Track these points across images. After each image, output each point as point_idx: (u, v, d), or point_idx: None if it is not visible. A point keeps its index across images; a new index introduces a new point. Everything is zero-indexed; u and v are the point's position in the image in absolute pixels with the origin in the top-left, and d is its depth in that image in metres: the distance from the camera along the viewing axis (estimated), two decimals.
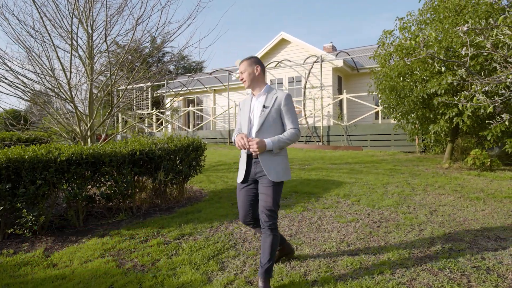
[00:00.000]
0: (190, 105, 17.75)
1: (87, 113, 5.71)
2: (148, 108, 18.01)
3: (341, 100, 12.89)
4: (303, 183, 5.74)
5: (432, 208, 4.16)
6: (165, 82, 16.71)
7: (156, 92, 18.56)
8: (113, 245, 3.16)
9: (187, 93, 18.24)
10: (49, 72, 5.39)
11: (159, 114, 16.35)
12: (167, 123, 16.67)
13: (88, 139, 5.63)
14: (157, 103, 20.00)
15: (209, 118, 15.58)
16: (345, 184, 5.57)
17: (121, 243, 3.20)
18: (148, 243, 3.20)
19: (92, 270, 2.65)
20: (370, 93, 8.76)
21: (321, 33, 73.09)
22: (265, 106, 2.38)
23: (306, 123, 12.50)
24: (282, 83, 14.43)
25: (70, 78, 5.21)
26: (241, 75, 2.48)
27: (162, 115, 16.28)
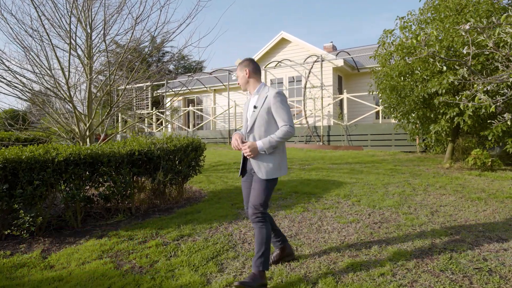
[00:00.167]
0: (190, 105, 17.72)
1: (86, 113, 5.68)
2: (148, 108, 17.97)
3: (342, 100, 12.85)
4: (303, 183, 5.71)
5: (433, 209, 4.13)
6: (165, 81, 16.68)
7: (156, 92, 18.52)
8: (111, 246, 3.14)
9: (187, 92, 18.21)
10: (47, 72, 5.36)
11: (159, 114, 16.32)
12: (167, 123, 16.64)
13: (87, 139, 5.60)
14: (157, 103, 19.96)
15: (209, 118, 15.54)
16: (345, 184, 5.54)
17: (119, 244, 3.17)
18: (146, 244, 3.17)
19: (89, 272, 2.62)
20: (371, 93, 8.73)
21: (321, 33, 73.05)
22: (255, 106, 2.45)
23: (307, 123, 12.46)
24: (282, 82, 14.40)
25: (68, 78, 5.19)
26: (237, 79, 2.63)
27: (162, 115, 16.25)
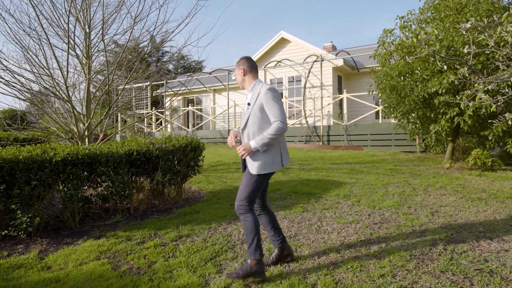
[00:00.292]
0: (190, 104, 17.69)
1: (85, 112, 5.65)
2: (148, 108, 17.94)
3: (341, 100, 12.83)
4: (303, 183, 5.69)
5: (433, 209, 4.11)
6: (164, 81, 16.65)
7: (155, 92, 18.49)
8: (109, 247, 3.11)
9: (186, 92, 18.18)
10: (45, 71, 5.34)
11: (158, 113, 16.29)
12: (166, 123, 16.61)
13: (86, 139, 5.57)
14: (156, 102, 19.93)
15: (208, 118, 15.51)
16: (345, 185, 5.52)
17: (117, 245, 3.15)
18: (144, 245, 3.15)
19: (87, 273, 2.60)
20: (371, 93, 8.70)
21: (321, 33, 73.10)
22: (249, 103, 2.50)
23: (306, 122, 12.44)
24: (282, 82, 14.38)
25: (67, 77, 5.16)
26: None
27: (161, 115, 16.23)
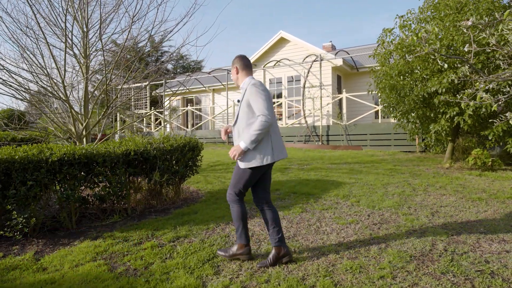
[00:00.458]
0: (189, 104, 17.66)
1: (83, 112, 5.61)
2: (146, 108, 17.90)
3: (341, 99, 12.80)
4: (302, 183, 5.66)
5: (433, 209, 4.08)
6: (163, 81, 16.61)
7: (154, 92, 18.45)
8: (105, 248, 3.07)
9: (185, 92, 18.14)
10: (43, 71, 5.30)
11: (157, 113, 16.25)
12: (165, 123, 16.57)
13: (83, 139, 5.53)
14: (155, 102, 19.87)
15: (207, 118, 15.47)
16: (344, 185, 5.49)
17: (114, 246, 3.11)
18: (141, 246, 3.11)
19: (82, 275, 2.56)
20: (370, 92, 8.67)
21: (321, 33, 73.10)
22: (239, 100, 2.63)
23: (306, 122, 12.40)
24: (281, 82, 14.34)
25: (64, 77, 5.12)
26: None
27: (160, 115, 16.19)
